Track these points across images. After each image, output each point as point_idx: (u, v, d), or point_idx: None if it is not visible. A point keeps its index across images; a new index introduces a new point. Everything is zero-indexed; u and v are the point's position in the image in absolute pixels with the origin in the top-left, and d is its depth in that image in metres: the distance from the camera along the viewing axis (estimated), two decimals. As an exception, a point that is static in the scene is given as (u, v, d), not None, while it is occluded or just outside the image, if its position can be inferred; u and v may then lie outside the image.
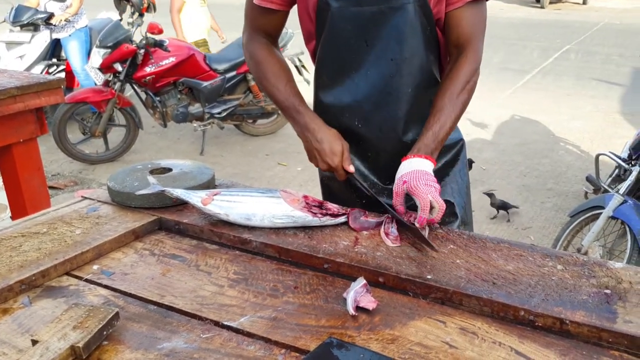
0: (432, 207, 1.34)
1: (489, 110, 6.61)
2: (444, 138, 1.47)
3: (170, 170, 1.65)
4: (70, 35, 5.89)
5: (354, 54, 1.56)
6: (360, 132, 1.63)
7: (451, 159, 1.71)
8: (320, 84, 1.67)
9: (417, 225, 1.34)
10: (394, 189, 1.42)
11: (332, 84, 1.63)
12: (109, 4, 5.68)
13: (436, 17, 1.52)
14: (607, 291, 1.14)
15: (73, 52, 5.90)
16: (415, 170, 1.40)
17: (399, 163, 1.50)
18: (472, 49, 1.52)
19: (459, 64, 1.52)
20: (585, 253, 3.07)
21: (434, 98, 1.52)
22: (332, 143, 1.54)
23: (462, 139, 1.75)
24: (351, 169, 1.54)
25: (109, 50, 5.04)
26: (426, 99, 1.58)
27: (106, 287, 1.23)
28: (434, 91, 1.56)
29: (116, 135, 5.47)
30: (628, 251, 2.95)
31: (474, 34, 1.52)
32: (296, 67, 5.60)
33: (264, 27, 1.65)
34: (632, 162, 3.54)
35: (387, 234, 1.37)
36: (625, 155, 3.72)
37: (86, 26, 6.01)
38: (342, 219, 1.44)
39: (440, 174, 1.66)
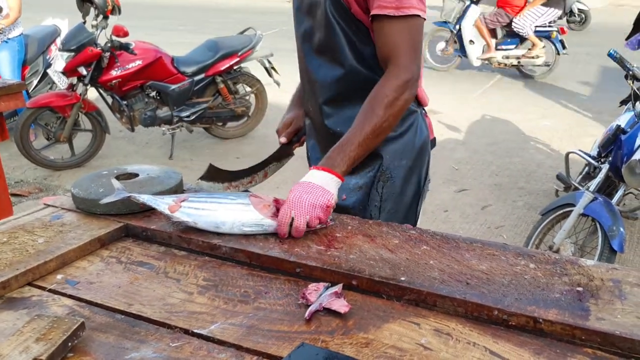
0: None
1: (459, 110, 6.68)
2: (354, 152, 1.45)
3: (136, 175, 1.61)
4: (0, 45, 5.56)
5: (297, 43, 1.72)
6: (311, 116, 1.78)
7: (367, 173, 1.70)
8: None
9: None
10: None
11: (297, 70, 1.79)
12: (55, 9, 5.46)
13: (359, 17, 1.54)
14: (580, 289, 1.15)
15: (4, 63, 5.59)
16: (305, 182, 1.39)
17: (329, 140, 1.64)
18: (395, 64, 1.48)
19: (382, 80, 1.50)
20: (557, 251, 3.10)
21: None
22: (288, 114, 1.87)
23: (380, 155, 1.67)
24: (281, 139, 1.81)
25: (73, 53, 4.93)
26: (352, 91, 1.64)
27: (71, 297, 1.19)
28: (363, 84, 1.59)
29: (82, 141, 5.36)
30: (599, 248, 2.98)
31: (396, 49, 1.48)
32: (266, 69, 5.56)
33: None
34: (601, 160, 3.59)
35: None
36: (594, 153, 3.77)
37: (20, 35, 5.70)
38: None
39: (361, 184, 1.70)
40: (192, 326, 1.08)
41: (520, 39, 8.18)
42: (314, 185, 1.38)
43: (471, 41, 8.20)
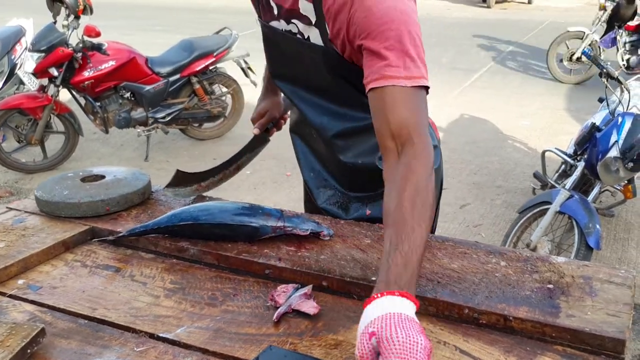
0: None
1: (438, 109, 6.69)
2: (419, 261, 0.99)
3: (103, 177, 1.58)
4: None
5: (286, 61, 1.47)
6: (312, 145, 1.62)
7: None
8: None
9: None
10: (357, 349, 0.87)
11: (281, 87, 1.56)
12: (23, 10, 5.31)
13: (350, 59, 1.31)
14: (550, 286, 1.14)
15: None
16: (388, 314, 0.87)
17: (348, 171, 1.46)
18: (412, 145, 1.11)
19: (407, 168, 1.09)
20: (534, 248, 3.11)
21: (388, 210, 1.07)
22: (262, 102, 1.74)
23: None
24: (254, 130, 1.71)
25: (43, 54, 4.84)
26: (364, 126, 1.41)
27: (32, 302, 1.15)
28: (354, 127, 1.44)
29: (55, 143, 5.27)
30: (575, 245, 3.00)
31: (406, 125, 1.13)
32: (242, 69, 5.52)
33: None
34: (577, 158, 3.62)
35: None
36: (570, 151, 3.80)
37: None
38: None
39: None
40: (157, 330, 1.05)
41: None
42: (403, 317, 0.87)
43: None
